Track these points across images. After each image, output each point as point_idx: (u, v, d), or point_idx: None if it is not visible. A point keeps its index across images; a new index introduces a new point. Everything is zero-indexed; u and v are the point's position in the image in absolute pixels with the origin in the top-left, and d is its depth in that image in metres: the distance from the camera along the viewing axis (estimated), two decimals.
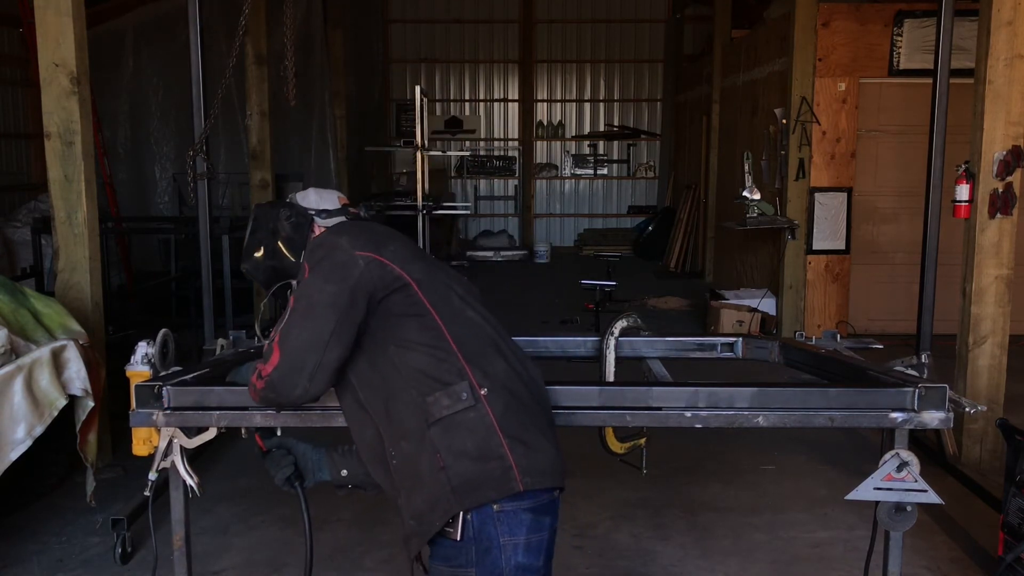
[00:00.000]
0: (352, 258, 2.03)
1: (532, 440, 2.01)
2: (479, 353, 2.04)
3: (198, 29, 4.40)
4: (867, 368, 2.70)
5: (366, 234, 2.13)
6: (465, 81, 15.56)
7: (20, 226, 8.11)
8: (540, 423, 2.07)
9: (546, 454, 2.03)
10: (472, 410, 1.96)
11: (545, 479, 2.00)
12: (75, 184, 4.74)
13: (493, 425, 1.96)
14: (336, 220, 2.33)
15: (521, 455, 1.96)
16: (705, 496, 4.54)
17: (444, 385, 1.97)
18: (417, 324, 2.02)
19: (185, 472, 2.48)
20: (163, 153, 10.02)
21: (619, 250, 13.03)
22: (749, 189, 7.61)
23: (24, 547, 3.95)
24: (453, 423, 1.95)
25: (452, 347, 2.01)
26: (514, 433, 1.98)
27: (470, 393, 1.97)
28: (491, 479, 1.94)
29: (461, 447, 1.94)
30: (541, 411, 2.12)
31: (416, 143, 6.21)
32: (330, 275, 2.02)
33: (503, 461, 1.94)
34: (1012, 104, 4.69)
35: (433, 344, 2.01)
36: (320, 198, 2.39)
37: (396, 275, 2.03)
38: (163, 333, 2.65)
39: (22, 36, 8.99)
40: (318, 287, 2.01)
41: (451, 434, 1.95)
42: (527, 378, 2.12)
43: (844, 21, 7.50)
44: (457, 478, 1.94)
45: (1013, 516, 3.39)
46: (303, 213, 2.34)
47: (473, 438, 1.95)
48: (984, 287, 4.83)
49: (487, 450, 1.95)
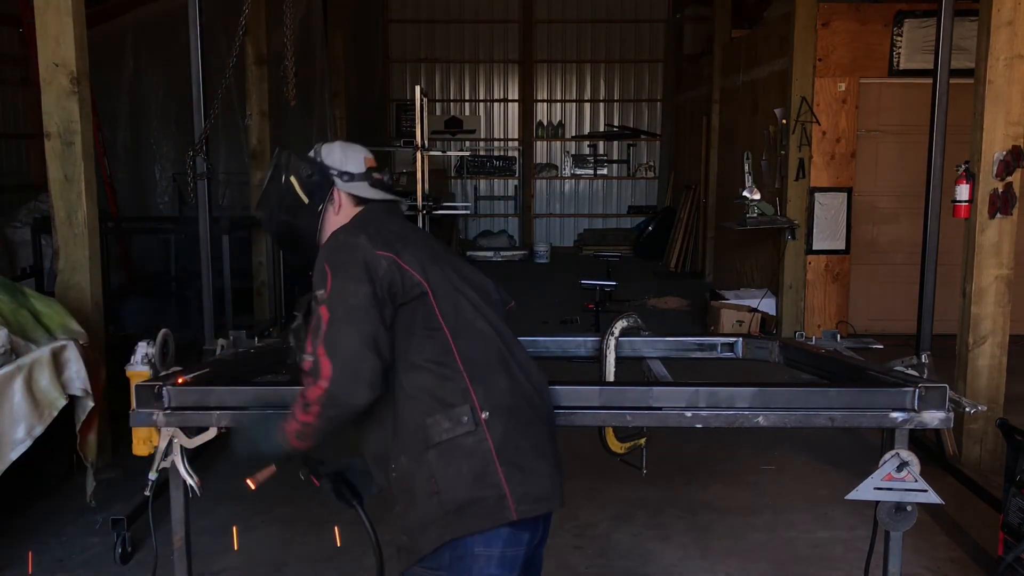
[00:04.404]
0: (375, 258, 1.99)
1: (530, 464, 1.99)
2: (485, 370, 2.01)
3: (198, 29, 4.40)
4: (867, 368, 2.71)
5: (383, 234, 2.07)
6: (465, 81, 15.56)
7: (20, 226, 8.09)
8: (540, 441, 2.05)
9: (543, 478, 2.01)
10: (471, 435, 1.93)
11: (540, 506, 1.99)
12: (75, 184, 4.74)
13: (491, 451, 1.94)
14: (357, 187, 2.23)
15: (517, 483, 1.94)
16: (705, 496, 4.54)
17: (446, 407, 1.95)
18: (426, 339, 1.99)
19: (185, 472, 2.48)
20: (163, 153, 9.99)
21: (619, 250, 13.01)
22: (749, 189, 7.61)
23: (24, 547, 3.95)
24: (452, 447, 1.93)
25: (458, 365, 1.98)
26: (512, 459, 1.96)
27: (471, 417, 1.94)
28: (485, 508, 1.92)
29: (457, 473, 1.93)
30: (543, 426, 2.08)
31: (416, 143, 6.21)
32: (360, 275, 1.97)
33: (498, 489, 1.92)
34: (1012, 104, 4.69)
35: (440, 361, 1.98)
36: (345, 157, 2.26)
37: (415, 281, 2.00)
38: (163, 333, 2.65)
39: (22, 36, 8.98)
40: (352, 290, 1.96)
41: (448, 459, 1.93)
42: (530, 391, 2.08)
43: (844, 21, 7.50)
44: (451, 504, 1.92)
45: (1013, 516, 3.39)
46: (324, 172, 2.23)
47: (470, 464, 1.93)
48: (984, 287, 4.83)
49: (483, 477, 1.93)
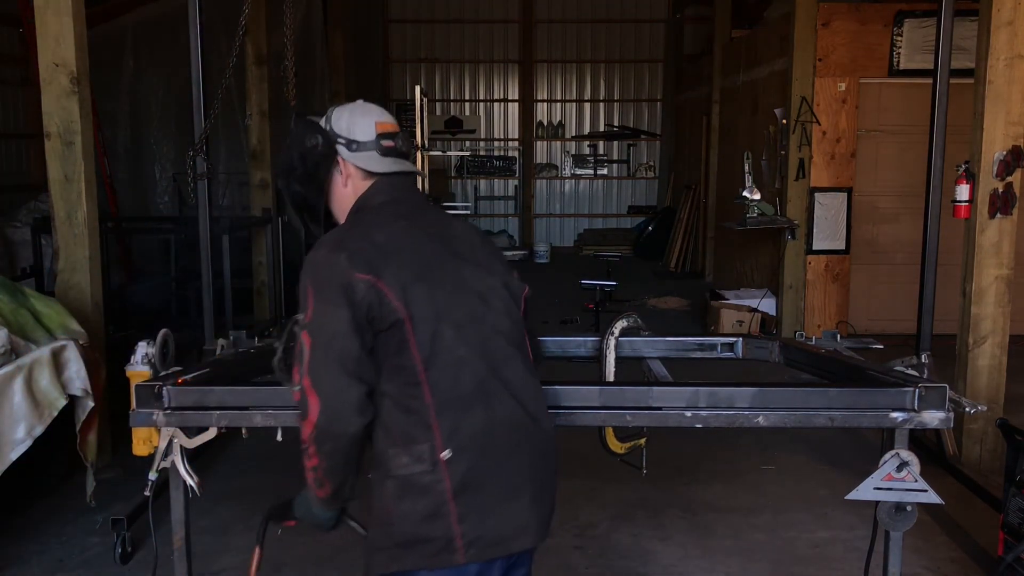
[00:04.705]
0: (354, 281, 1.88)
1: (494, 505, 1.89)
2: (456, 404, 1.89)
3: (198, 29, 4.40)
4: (867, 368, 2.71)
5: (368, 249, 1.93)
6: (465, 81, 15.56)
7: (20, 226, 8.09)
8: (519, 476, 1.93)
9: (509, 518, 1.90)
10: (429, 474, 1.86)
11: (495, 550, 1.89)
12: (75, 184, 4.74)
13: (446, 492, 1.85)
14: (365, 159, 2.11)
15: (472, 525, 1.86)
16: (705, 496, 4.54)
17: (407, 442, 1.88)
18: (397, 369, 1.90)
19: (185, 472, 2.48)
20: (163, 153, 9.98)
21: (619, 250, 13.02)
22: (749, 189, 7.62)
23: (24, 547, 3.95)
24: (407, 483, 1.87)
25: (426, 398, 1.88)
26: (471, 500, 1.86)
27: (429, 456, 1.86)
28: (431, 548, 1.87)
29: (410, 509, 1.87)
30: (529, 456, 1.95)
31: (416, 143, 6.21)
32: (338, 299, 1.88)
33: (448, 531, 1.85)
34: (1012, 104, 4.69)
35: (408, 393, 1.89)
36: (352, 122, 2.12)
37: (392, 308, 1.88)
38: (163, 333, 2.65)
39: (22, 36, 8.98)
40: (331, 314, 1.87)
41: (402, 493, 1.88)
42: (520, 418, 1.95)
43: (844, 21, 7.50)
44: (400, 536, 1.88)
45: (1013, 516, 3.39)
46: (329, 141, 2.10)
47: (423, 502, 1.86)
48: (984, 287, 4.83)
49: (434, 518, 1.86)
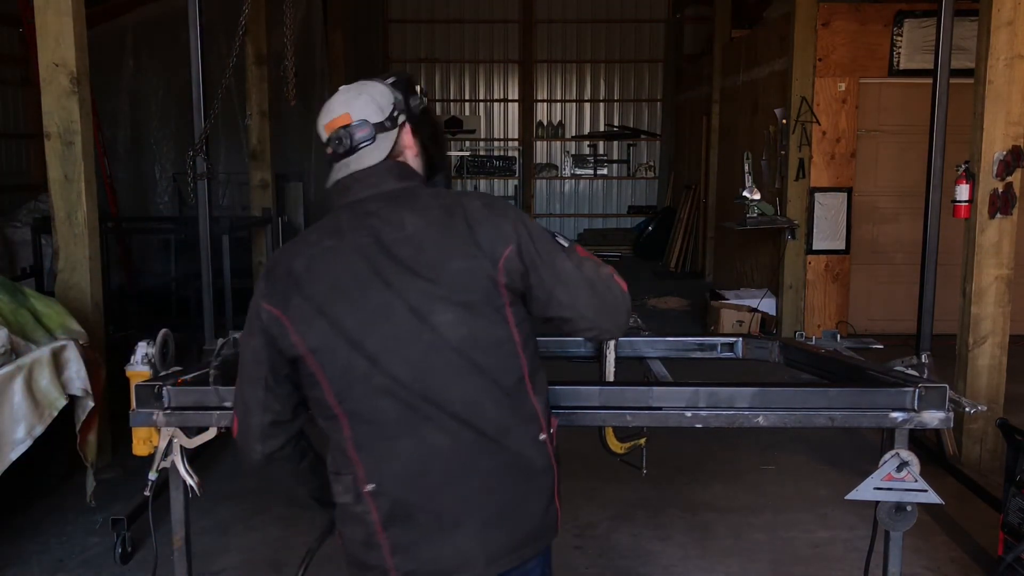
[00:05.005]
0: (262, 311, 1.82)
1: (428, 537, 1.78)
2: (377, 437, 1.78)
3: (198, 29, 4.39)
4: (867, 368, 2.70)
5: (284, 278, 1.81)
6: (465, 81, 15.56)
7: (20, 226, 8.09)
8: (456, 508, 1.78)
9: (446, 552, 1.78)
10: (356, 505, 1.81)
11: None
12: (75, 184, 4.74)
13: (375, 524, 1.79)
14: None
15: (404, 558, 1.78)
16: (705, 496, 4.54)
17: (335, 472, 1.85)
18: (314, 402, 1.84)
19: (185, 472, 2.48)
20: (163, 153, 9.99)
21: (619, 250, 13.03)
22: (749, 189, 7.61)
23: (24, 547, 3.95)
24: (343, 511, 1.86)
25: (344, 431, 1.79)
26: (401, 533, 1.78)
27: (353, 488, 1.81)
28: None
29: (351, 535, 1.85)
30: (471, 488, 1.79)
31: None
32: (250, 326, 1.85)
33: (382, 563, 1.80)
34: (1012, 104, 4.69)
35: (329, 427, 1.84)
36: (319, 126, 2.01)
37: (291, 343, 1.78)
38: (163, 333, 2.65)
39: (22, 36, 8.98)
40: (245, 341, 1.87)
41: (343, 519, 1.87)
42: (460, 448, 1.77)
43: (844, 21, 7.50)
44: (350, 557, 1.88)
45: (1013, 516, 3.39)
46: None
47: (359, 530, 1.83)
48: (984, 287, 4.83)
49: (369, 547, 1.81)
